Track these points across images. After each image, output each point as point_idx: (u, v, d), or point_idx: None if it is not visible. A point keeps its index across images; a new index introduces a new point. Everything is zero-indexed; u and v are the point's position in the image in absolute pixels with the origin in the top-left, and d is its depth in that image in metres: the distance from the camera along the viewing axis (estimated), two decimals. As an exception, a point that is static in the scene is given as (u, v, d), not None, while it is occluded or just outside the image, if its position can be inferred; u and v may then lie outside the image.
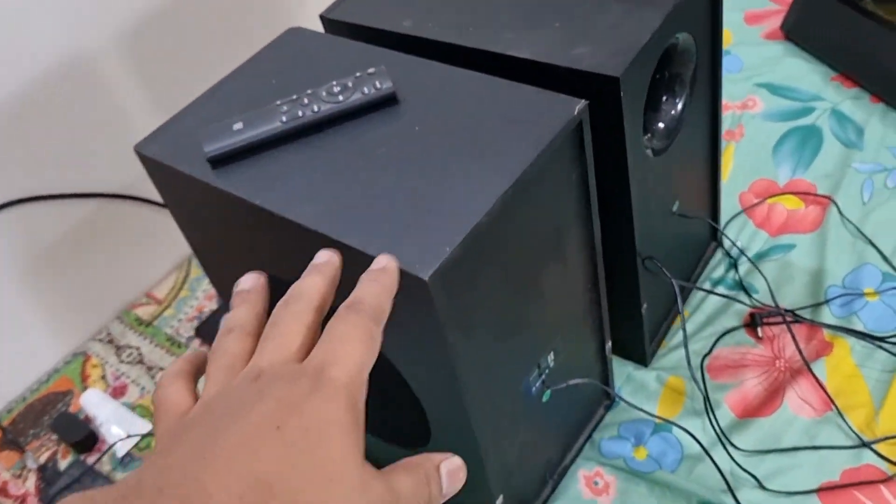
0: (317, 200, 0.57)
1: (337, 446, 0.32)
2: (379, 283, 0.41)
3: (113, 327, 1.38)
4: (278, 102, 0.63)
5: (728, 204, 1.01)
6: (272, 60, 0.72)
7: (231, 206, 0.61)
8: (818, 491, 0.74)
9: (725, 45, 1.24)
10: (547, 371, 0.70)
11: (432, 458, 0.37)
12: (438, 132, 0.60)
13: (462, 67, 0.66)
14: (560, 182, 0.62)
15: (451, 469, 0.37)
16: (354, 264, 0.51)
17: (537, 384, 0.70)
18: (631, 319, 0.83)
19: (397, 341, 0.60)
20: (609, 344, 0.79)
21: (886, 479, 0.74)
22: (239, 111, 0.66)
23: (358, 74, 0.64)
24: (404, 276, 0.50)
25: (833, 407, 0.80)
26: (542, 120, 0.58)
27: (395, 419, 0.71)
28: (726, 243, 0.97)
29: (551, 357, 0.70)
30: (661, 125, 0.77)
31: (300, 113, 0.62)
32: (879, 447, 0.76)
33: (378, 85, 0.63)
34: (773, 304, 0.89)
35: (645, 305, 0.81)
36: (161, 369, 1.30)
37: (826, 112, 1.10)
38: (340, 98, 0.63)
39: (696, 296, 0.93)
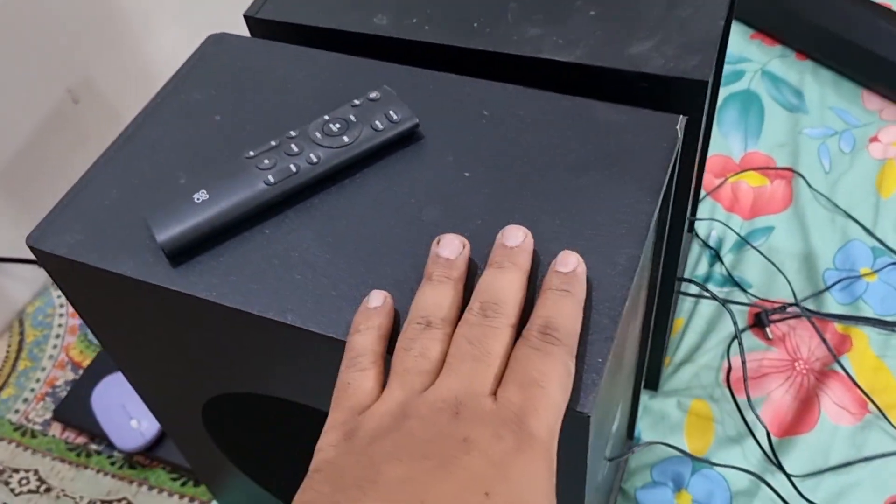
0: (343, 299, 0.39)
1: None
2: (573, 298, 0.35)
3: (-64, 424, 1.07)
4: (251, 154, 0.43)
5: (688, 187, 0.92)
6: (203, 85, 0.50)
7: (200, 317, 0.41)
8: (885, 509, 0.68)
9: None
10: (610, 439, 0.57)
11: None
12: (502, 181, 0.43)
13: (471, 77, 0.49)
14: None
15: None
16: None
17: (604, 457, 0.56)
18: (653, 342, 0.71)
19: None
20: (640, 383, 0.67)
21: (947, 482, 0.68)
22: (186, 171, 0.45)
23: (356, 102, 0.46)
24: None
25: (871, 408, 0.73)
26: (644, 150, 0.43)
27: None
28: (702, 234, 0.88)
29: (615, 425, 0.57)
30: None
31: (292, 167, 0.43)
32: (929, 447, 0.70)
33: (394, 116, 0.45)
34: (771, 299, 0.81)
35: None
36: (17, 471, 1.01)
37: (757, 74, 1.03)
38: (346, 140, 0.44)
39: (687, 299, 0.83)
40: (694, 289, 0.83)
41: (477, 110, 0.47)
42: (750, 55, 1.05)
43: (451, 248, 0.37)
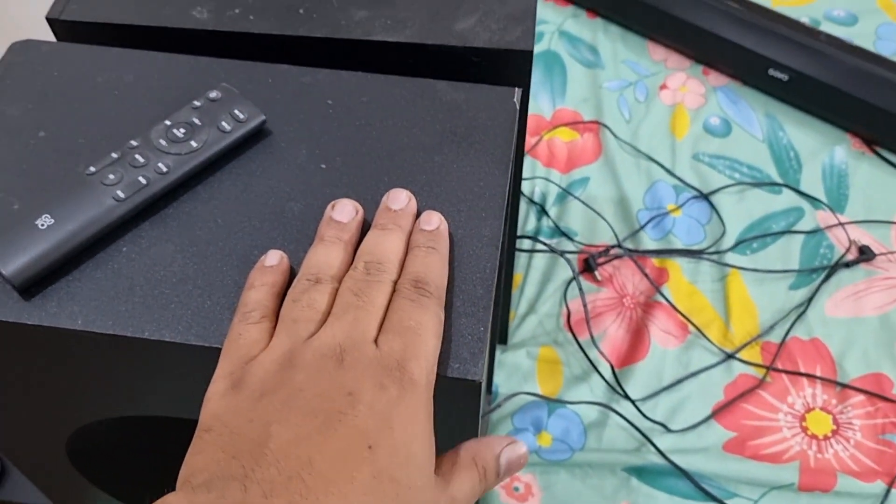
0: (220, 307, 0.38)
1: (420, 469, 0.31)
2: (438, 254, 0.38)
3: None
4: (93, 170, 0.41)
5: (507, 148, 0.97)
6: (16, 99, 0.47)
7: (71, 347, 0.39)
8: (713, 415, 0.76)
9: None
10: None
11: (492, 445, 0.36)
12: (359, 168, 0.44)
13: (305, 66, 0.49)
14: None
15: (511, 459, 0.36)
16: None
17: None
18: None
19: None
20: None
21: (761, 383, 0.78)
22: (19, 196, 0.42)
23: (197, 104, 0.44)
24: (444, 381, 0.36)
25: (691, 329, 0.82)
26: (489, 124, 0.46)
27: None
28: (526, 191, 0.93)
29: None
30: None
31: (141, 179, 0.41)
32: (742, 355, 0.80)
33: (239, 115, 0.44)
34: (596, 244, 0.88)
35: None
36: None
37: (555, 35, 1.09)
38: (194, 144, 0.43)
39: (522, 254, 0.88)
40: (527, 244, 0.88)
41: (321, 100, 0.47)
42: (546, 17, 1.12)
43: (345, 212, 0.39)
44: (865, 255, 0.86)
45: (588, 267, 0.86)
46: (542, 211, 0.91)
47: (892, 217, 0.90)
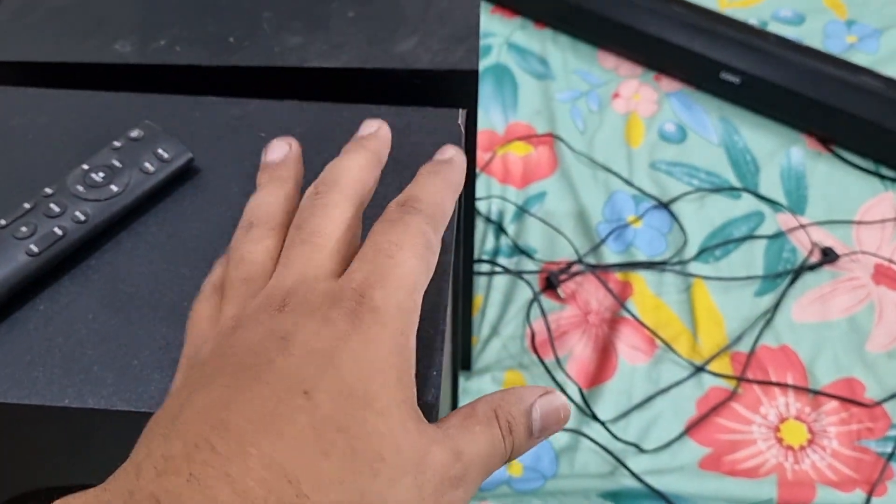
0: (148, 367, 0.35)
1: (381, 412, 0.24)
2: (441, 176, 0.32)
3: None
4: (3, 223, 0.38)
5: (461, 166, 0.94)
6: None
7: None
8: (687, 432, 0.74)
9: None
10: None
11: (522, 396, 0.28)
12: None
13: (238, 97, 0.46)
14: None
15: (547, 411, 0.28)
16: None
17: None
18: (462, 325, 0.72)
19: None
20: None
21: (732, 395, 0.77)
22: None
23: (117, 144, 0.41)
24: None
25: (659, 343, 0.80)
26: (434, 149, 0.43)
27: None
28: (483, 210, 0.91)
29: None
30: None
31: (57, 230, 0.38)
32: (712, 367, 0.78)
33: (164, 154, 0.41)
34: (556, 260, 0.86)
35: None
36: None
37: (503, 47, 1.07)
38: (114, 189, 0.39)
39: (482, 276, 0.86)
40: (486, 266, 0.86)
41: (253, 133, 0.44)
42: (493, 30, 1.10)
43: (277, 151, 0.35)
44: (829, 256, 0.85)
45: (550, 285, 0.84)
46: (500, 230, 0.89)
47: (852, 216, 0.89)
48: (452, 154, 0.34)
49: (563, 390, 0.76)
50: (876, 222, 0.88)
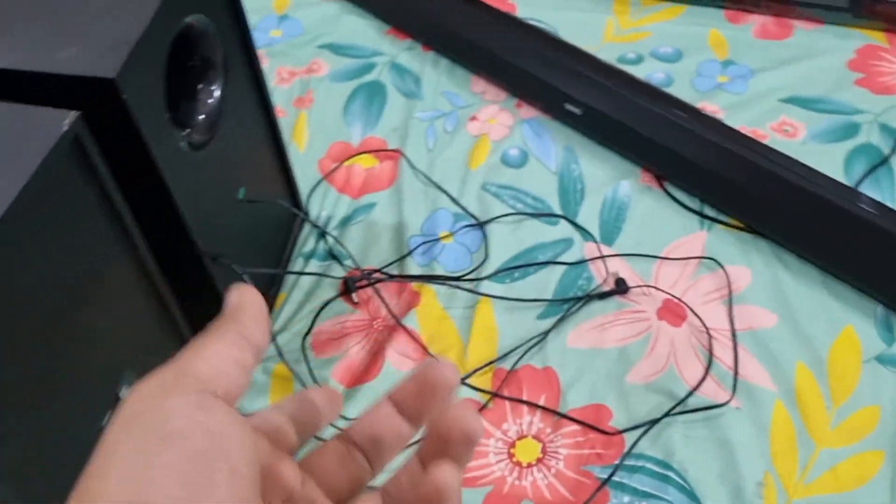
0: None
1: None
2: None
3: None
4: None
5: (309, 173, 1.01)
6: None
7: None
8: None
9: (283, 10, 1.23)
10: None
11: None
12: None
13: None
14: (71, 211, 0.54)
15: None
16: None
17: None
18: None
19: None
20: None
21: (481, 409, 0.80)
22: None
23: None
24: None
25: (429, 354, 0.84)
26: (24, 144, 0.50)
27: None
28: (312, 215, 0.97)
29: (127, 388, 0.64)
30: (201, 116, 0.72)
31: None
32: (472, 380, 0.82)
33: None
34: (364, 267, 0.91)
35: (232, 302, 0.78)
36: None
37: (386, 66, 1.13)
38: None
39: (290, 274, 0.92)
40: (300, 264, 0.92)
41: None
42: (383, 49, 1.16)
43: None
44: (620, 287, 0.87)
45: (347, 289, 0.89)
46: (322, 235, 0.95)
47: (659, 251, 0.91)
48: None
49: (317, 385, 0.81)
50: (679, 259, 0.90)
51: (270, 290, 0.89)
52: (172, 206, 0.66)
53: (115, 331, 0.61)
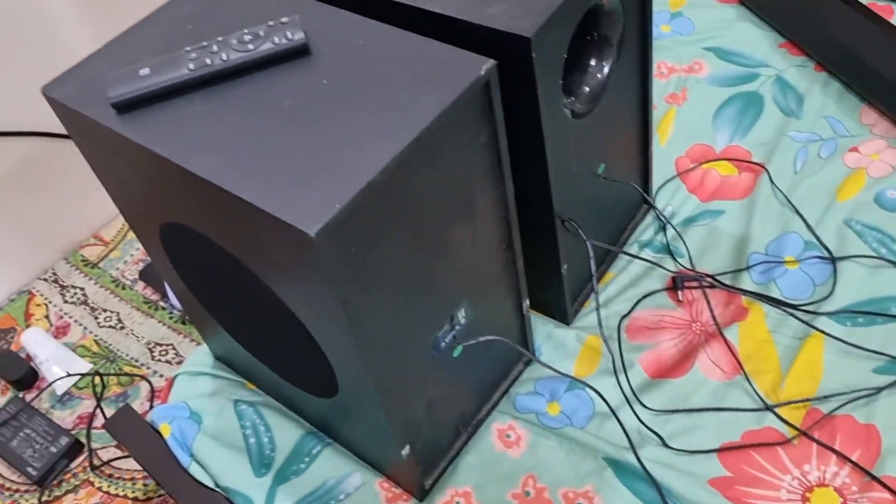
0: (216, 150, 0.57)
1: None
2: None
3: (59, 267, 1.38)
4: (187, 49, 0.63)
5: (664, 168, 1.02)
6: (190, 4, 0.71)
7: (134, 153, 0.61)
8: (718, 451, 0.77)
9: (677, 7, 1.24)
10: (458, 327, 0.71)
11: None
12: (345, 87, 0.60)
13: (375, 20, 0.65)
14: (467, 142, 0.62)
15: None
16: (247, 217, 0.51)
17: (447, 339, 0.71)
18: (552, 279, 0.84)
19: (298, 296, 0.61)
20: (526, 302, 0.80)
21: (784, 442, 0.76)
22: (150, 56, 0.65)
23: (270, 23, 0.64)
24: (293, 231, 0.51)
25: (742, 371, 0.82)
26: (449, 78, 0.58)
27: (306, 368, 0.73)
28: (657, 206, 0.98)
29: (462, 314, 0.71)
30: (586, 88, 0.77)
31: (208, 61, 0.62)
32: (781, 411, 0.78)
33: (290, 35, 0.62)
34: (697, 269, 0.91)
35: (566, 266, 0.82)
36: (105, 311, 1.30)
37: (770, 79, 1.10)
38: (251, 47, 0.62)
39: (624, 257, 0.94)
40: (635, 249, 0.94)
41: (354, 40, 0.63)
42: (772, 62, 1.12)
43: None
44: (983, 367, 0.77)
45: (675, 285, 0.89)
46: (663, 227, 0.96)
47: None
48: None
49: (624, 368, 0.83)
50: None
51: (601, 266, 0.93)
52: (543, 161, 0.71)
53: (467, 257, 0.69)
